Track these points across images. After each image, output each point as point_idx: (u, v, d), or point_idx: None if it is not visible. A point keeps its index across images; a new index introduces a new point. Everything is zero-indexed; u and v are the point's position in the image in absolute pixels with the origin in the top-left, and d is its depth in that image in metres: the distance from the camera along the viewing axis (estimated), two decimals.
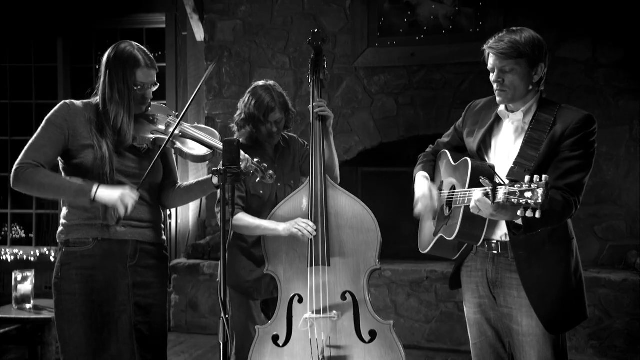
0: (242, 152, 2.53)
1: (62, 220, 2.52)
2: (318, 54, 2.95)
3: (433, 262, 5.21)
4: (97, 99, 2.52)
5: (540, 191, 1.93)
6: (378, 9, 5.55)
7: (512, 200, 1.99)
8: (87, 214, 2.47)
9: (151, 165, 2.47)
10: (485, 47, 2.38)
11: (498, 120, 2.47)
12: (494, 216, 2.15)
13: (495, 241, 2.41)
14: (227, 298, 2.17)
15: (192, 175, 6.06)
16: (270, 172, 2.61)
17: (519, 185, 1.98)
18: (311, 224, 2.72)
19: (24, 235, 6.80)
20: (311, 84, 2.93)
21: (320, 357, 2.67)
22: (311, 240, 2.73)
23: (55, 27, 6.53)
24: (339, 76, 5.62)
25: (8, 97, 6.76)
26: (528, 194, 1.95)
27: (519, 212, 1.99)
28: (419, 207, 2.50)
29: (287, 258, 2.80)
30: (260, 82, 3.04)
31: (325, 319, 2.70)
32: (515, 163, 2.30)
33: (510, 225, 2.28)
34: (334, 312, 2.69)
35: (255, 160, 2.60)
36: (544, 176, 1.95)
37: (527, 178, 1.98)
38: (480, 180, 2.09)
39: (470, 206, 2.17)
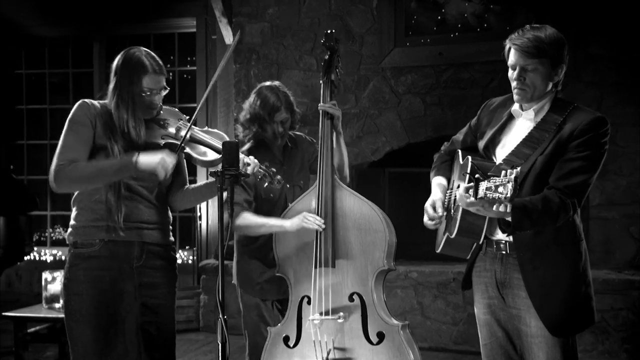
0: (251, 157, 2.55)
1: (71, 222, 2.56)
2: (332, 54, 2.93)
3: (460, 264, 5.10)
4: (109, 102, 2.56)
5: (509, 185, 1.94)
6: (405, 8, 5.50)
7: (489, 195, 1.99)
8: (93, 215, 2.51)
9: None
10: (507, 42, 2.35)
11: (511, 118, 2.44)
12: (480, 211, 2.13)
13: (503, 241, 2.38)
14: (224, 298, 2.20)
15: None
16: (279, 177, 2.61)
17: (494, 180, 1.99)
18: (319, 218, 2.70)
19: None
20: (322, 84, 2.91)
21: (326, 359, 2.66)
22: (317, 241, 2.73)
23: (92, 33, 6.71)
24: (365, 77, 5.59)
25: (47, 102, 6.97)
26: (500, 188, 1.96)
27: (494, 207, 2.01)
28: (425, 218, 2.51)
29: (296, 260, 2.80)
30: (266, 83, 3.04)
31: (332, 320, 2.68)
32: (504, 160, 2.31)
33: (501, 222, 2.24)
34: (341, 313, 2.68)
35: (265, 164, 2.61)
36: (514, 170, 1.96)
37: (502, 172, 1.99)
38: (463, 175, 2.09)
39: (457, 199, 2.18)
